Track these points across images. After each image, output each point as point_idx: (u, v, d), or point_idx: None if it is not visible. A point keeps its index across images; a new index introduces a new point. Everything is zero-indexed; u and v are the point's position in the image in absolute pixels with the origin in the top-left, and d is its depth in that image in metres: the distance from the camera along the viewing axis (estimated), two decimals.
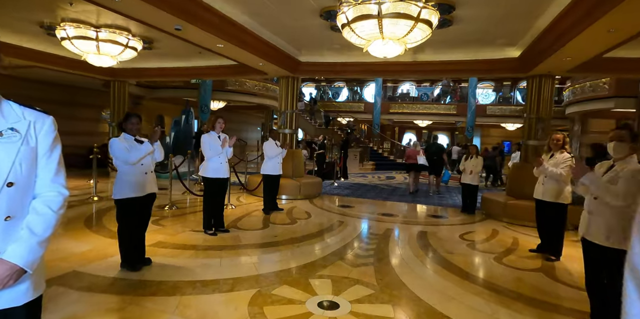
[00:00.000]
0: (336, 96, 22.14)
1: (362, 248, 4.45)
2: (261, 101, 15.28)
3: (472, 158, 7.06)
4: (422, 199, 8.82)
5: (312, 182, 8.16)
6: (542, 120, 6.65)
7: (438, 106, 19.90)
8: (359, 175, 13.83)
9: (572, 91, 12.60)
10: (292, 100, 8.25)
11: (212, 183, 4.59)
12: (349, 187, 10.17)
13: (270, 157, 6.19)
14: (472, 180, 7.05)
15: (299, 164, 8.33)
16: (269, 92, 15.43)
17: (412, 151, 9.73)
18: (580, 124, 14.65)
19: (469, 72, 6.78)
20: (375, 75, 7.59)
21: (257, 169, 10.47)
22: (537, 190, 4.59)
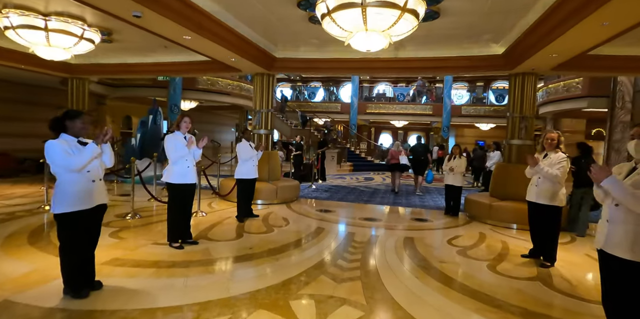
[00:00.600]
0: (312, 96, 21.76)
1: (347, 259, 4.05)
2: (235, 101, 14.67)
3: (455, 158, 6.83)
4: (403, 200, 8.55)
5: (289, 185, 7.71)
6: (525, 118, 6.49)
7: (414, 106, 19.89)
8: (337, 177, 13.48)
9: (546, 91, 12.75)
10: (268, 98, 7.78)
11: (178, 189, 4.06)
12: (328, 190, 9.78)
13: (244, 159, 5.69)
14: (455, 181, 6.82)
15: (275, 166, 7.87)
16: (243, 91, 14.85)
17: (395, 151, 9.83)
18: (553, 123, 14.92)
19: (451, 69, 6.55)
20: (355, 73, 7.24)
21: (230, 172, 9.90)
22: (530, 192, 4.34)
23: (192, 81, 13.31)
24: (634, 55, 5.75)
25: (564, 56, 5.25)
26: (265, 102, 7.75)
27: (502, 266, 4.09)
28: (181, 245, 4.14)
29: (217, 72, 7.82)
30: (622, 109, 9.97)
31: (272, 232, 5.14)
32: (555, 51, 5.02)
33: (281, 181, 7.81)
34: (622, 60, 5.81)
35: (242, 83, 14.70)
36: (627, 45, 5.56)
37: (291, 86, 24.24)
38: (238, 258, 3.91)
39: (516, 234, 5.67)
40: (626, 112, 9.81)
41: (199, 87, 13.55)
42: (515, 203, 6.18)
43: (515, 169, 6.45)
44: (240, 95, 14.66)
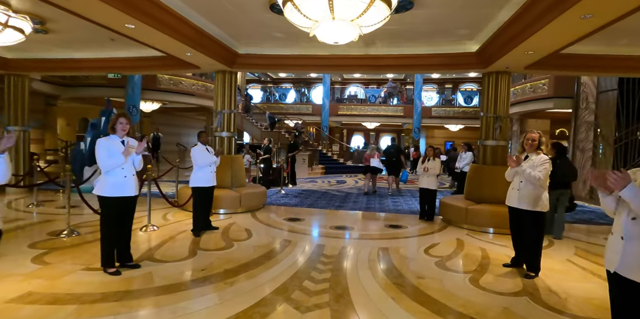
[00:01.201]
0: (283, 98, 21.20)
1: (314, 280, 3.55)
2: (200, 102, 13.87)
3: (429, 160, 6.50)
4: (376, 205, 8.16)
5: (254, 192, 7.13)
6: (499, 118, 6.25)
7: (386, 108, 19.75)
8: (308, 180, 12.99)
9: (513, 92, 12.82)
10: (230, 98, 7.18)
11: (112, 204, 3.42)
12: (298, 195, 9.27)
13: (200, 166, 5.08)
14: (430, 184, 6.49)
15: (239, 171, 7.26)
16: (209, 92, 14.07)
17: (368, 154, 10.12)
18: (519, 124, 15.11)
19: (424, 67, 6.22)
20: (325, 70, 6.80)
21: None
22: (510, 196, 4.02)
23: (152, 80, 12.45)
24: (605, 54, 5.62)
25: (540, 53, 5.02)
26: (228, 102, 7.15)
27: (485, 280, 3.73)
28: (118, 270, 3.50)
29: (174, 69, 7.14)
30: (586, 109, 10.08)
31: (232, 247, 4.56)
32: (532, 48, 4.76)
33: (246, 188, 7.22)
34: (593, 59, 5.68)
35: (208, 83, 13.93)
36: (598, 44, 5.41)
37: (261, 87, 23.57)
38: (185, 284, 3.32)
39: (494, 239, 5.38)
40: (590, 113, 9.91)
41: (161, 87, 12.69)
42: (491, 206, 5.92)
43: (491, 171, 6.20)
44: (206, 96, 13.87)
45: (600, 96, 9.56)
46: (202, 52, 5.89)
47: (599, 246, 5.15)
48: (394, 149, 10.30)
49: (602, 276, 3.92)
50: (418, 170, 6.62)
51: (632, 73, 6.08)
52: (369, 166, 9.92)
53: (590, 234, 5.96)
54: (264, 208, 7.31)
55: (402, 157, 10.18)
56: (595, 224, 6.81)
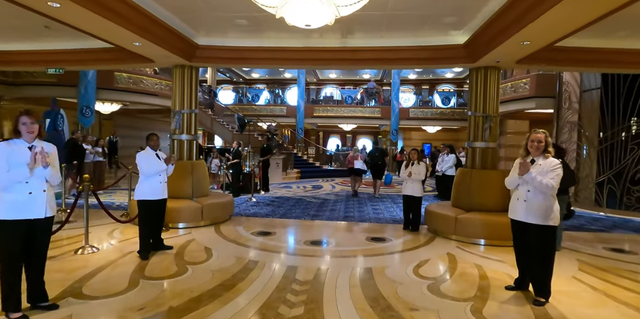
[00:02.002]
0: (256, 99, 20.32)
1: (284, 317, 2.82)
2: (165, 103, 12.81)
3: (413, 164, 5.90)
4: (355, 212, 7.50)
5: (219, 202, 6.30)
6: (489, 118, 5.73)
7: (363, 109, 19.25)
8: (282, 186, 12.21)
9: None
10: (191, 96, 6.35)
11: (12, 229, 2.57)
12: (270, 203, 8.48)
13: (147, 175, 4.24)
14: (414, 191, 5.88)
15: (202, 179, 6.42)
16: None
17: (351, 156, 10.19)
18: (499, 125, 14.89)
19: (406, 61, 5.63)
20: (297, 65, 6.11)
21: None
22: (515, 208, 3.42)
23: (109, 78, 11.37)
24: (602, 47, 5.19)
25: (537, 44, 4.50)
26: (188, 101, 6.32)
27: (489, 310, 3.10)
28: (25, 315, 2.65)
29: (124, 63, 6.24)
30: (569, 109, 9.84)
31: (185, 274, 3.75)
32: (530, 37, 4.23)
33: (210, 198, 6.39)
34: (590, 53, 5.24)
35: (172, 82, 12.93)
36: (595, 37, 4.98)
37: (233, 87, 22.61)
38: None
39: (487, 253, 4.81)
40: (573, 113, 9.67)
41: (119, 86, 11.62)
42: (482, 215, 5.37)
43: (481, 176, 5.67)
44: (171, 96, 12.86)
45: (584, 95, 9.31)
46: (154, 42, 5.05)
47: (602, 258, 4.68)
48: (379, 152, 10.19)
49: (617, 299, 3.39)
50: (401, 175, 6.01)
51: (630, 68, 5.68)
52: (353, 168, 9.98)
53: (588, 243, 5.50)
54: (230, 220, 6.49)
55: (386, 159, 10.43)
56: (589, 231, 6.40)
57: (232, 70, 22.01)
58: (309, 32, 5.47)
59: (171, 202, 5.68)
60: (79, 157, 8.55)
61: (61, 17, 4.18)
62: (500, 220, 5.22)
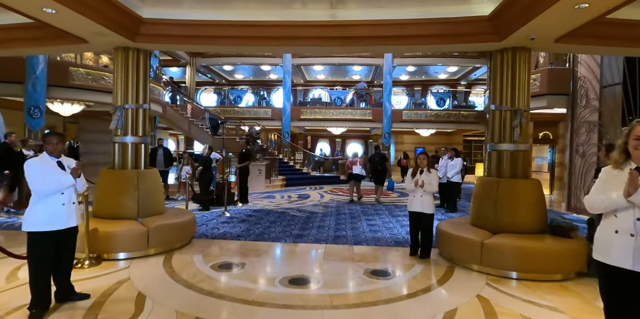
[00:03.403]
0: (238, 100, 18.92)
1: None
2: None
3: (423, 172, 4.61)
4: (348, 231, 6.16)
5: (174, 223, 4.87)
6: (519, 113, 4.49)
7: (353, 111, 18.02)
8: (264, 195, 10.82)
9: None
10: (138, 87, 4.97)
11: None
12: (247, 219, 7.09)
13: (40, 193, 2.82)
14: (425, 207, 4.58)
15: (152, 193, 5.00)
16: None
17: (350, 161, 9.99)
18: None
19: (413, 39, 4.34)
20: (272, 45, 4.77)
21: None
22: (611, 247, 2.09)
23: (63, 74, 9.89)
24: None
25: (596, 8, 3.27)
26: (134, 93, 4.93)
27: None
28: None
29: (50, 44, 4.81)
30: (586, 107, 8.73)
31: None
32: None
33: (162, 217, 4.97)
34: None
35: None
36: None
37: (215, 89, 21.19)
38: None
39: (530, 293, 3.53)
40: (592, 111, 8.56)
41: (75, 84, 10.12)
42: (516, 239, 4.10)
43: (510, 187, 4.40)
44: None
45: (604, 91, 8.20)
46: (75, 10, 3.68)
47: None
48: (379, 157, 9.90)
49: None
50: (407, 185, 4.70)
51: None
52: (352, 173, 9.72)
53: None
54: (190, 244, 5.09)
55: (387, 164, 9.96)
56: None
57: (213, 70, 20.63)
58: (287, 2, 4.17)
59: (107, 224, 4.30)
60: (13, 165, 7.05)
61: None
62: (539, 246, 3.97)
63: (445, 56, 17.26)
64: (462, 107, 18.48)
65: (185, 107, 16.45)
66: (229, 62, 18.50)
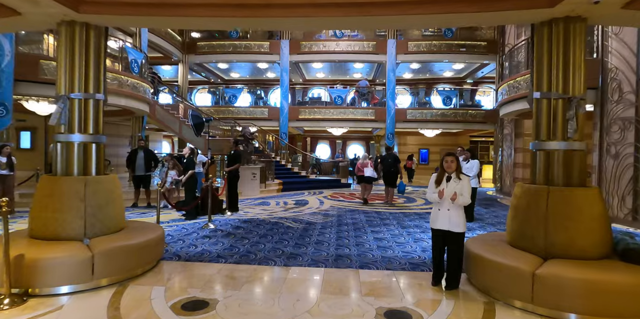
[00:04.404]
0: (233, 100, 17.91)
1: None
2: (111, 101, 10.35)
3: (451, 179, 3.58)
4: (352, 246, 5.12)
5: (132, 244, 3.82)
6: (574, 102, 3.46)
7: (354, 111, 17.00)
8: (258, 202, 9.80)
9: (512, 86, 10.42)
10: (86, 72, 3.96)
11: None
12: (233, 232, 6.07)
13: None
14: (453, 223, 3.55)
15: (105, 206, 3.95)
16: (125, 87, 10.63)
17: (360, 163, 9.79)
18: (513, 126, 12.81)
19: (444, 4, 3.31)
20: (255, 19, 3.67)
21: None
22: None
23: (32, 68, 8.89)
24: None
25: None
26: (81, 80, 3.92)
27: None
28: None
29: None
30: (619, 103, 7.71)
31: None
32: None
33: (119, 236, 3.94)
34: None
35: (123, 75, 10.51)
36: None
37: (209, 88, 20.22)
38: None
39: None
40: (626, 107, 7.54)
41: (46, 79, 9.07)
42: (576, 268, 3.06)
43: (565, 198, 3.37)
44: (121, 92, 10.42)
45: None
46: None
47: None
48: (392, 159, 9.63)
49: None
50: (430, 196, 3.67)
51: None
52: (363, 175, 9.59)
53: None
54: (154, 270, 4.06)
55: (399, 166, 9.73)
56: None
57: (208, 68, 19.65)
58: None
59: (39, 249, 3.30)
60: None
61: None
62: (613, 280, 2.94)
63: (452, 52, 16.29)
64: (469, 106, 17.48)
65: (177, 107, 15.47)
66: (223, 60, 17.53)
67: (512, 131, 12.84)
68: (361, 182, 9.88)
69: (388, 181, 9.68)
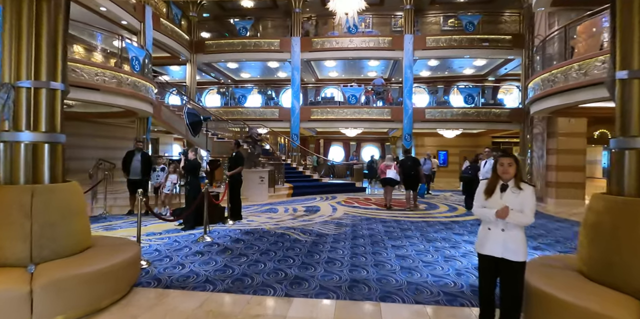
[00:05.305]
0: (242, 100, 17.20)
1: None
2: (109, 100, 9.69)
3: (506, 189, 2.64)
4: (370, 267, 4.21)
5: (91, 273, 3.00)
6: None
7: (370, 110, 16.05)
8: (266, 209, 8.96)
9: (546, 80, 9.32)
10: (37, 54, 3.18)
11: None
12: (231, 246, 5.22)
13: None
14: (509, 249, 2.59)
15: (65, 221, 3.15)
16: (124, 86, 9.99)
17: (384, 165, 9.42)
18: (545, 124, 11.66)
19: None
20: None
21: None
22: None
23: None
24: None
25: None
26: (30, 64, 3.15)
27: None
28: None
29: None
30: None
31: None
32: None
33: (76, 260, 3.13)
34: None
35: (122, 73, 9.87)
36: None
37: (218, 89, 19.59)
38: None
39: None
40: None
41: None
42: None
43: None
44: (120, 91, 9.78)
45: None
46: None
47: None
48: (412, 161, 9.35)
49: None
50: (477, 211, 2.74)
51: None
52: (386, 178, 9.21)
53: None
54: (123, 302, 3.24)
55: (420, 169, 9.39)
56: None
57: (217, 69, 19.05)
58: None
59: None
60: None
61: None
62: None
63: (474, 47, 15.22)
64: (492, 105, 16.33)
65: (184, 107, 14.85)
66: (232, 59, 16.86)
67: (543, 130, 11.70)
68: (385, 185, 9.34)
69: (409, 185, 9.21)
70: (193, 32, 16.59)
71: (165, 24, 14.14)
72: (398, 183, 9.52)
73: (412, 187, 9.29)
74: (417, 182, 9.39)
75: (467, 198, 9.33)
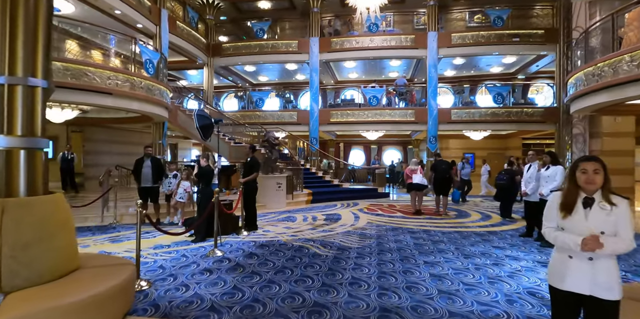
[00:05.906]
0: (260, 103, 16.82)
1: None
2: (122, 104, 9.42)
3: (592, 206, 1.98)
4: (402, 290, 3.57)
5: (70, 305, 2.51)
6: None
7: (392, 112, 15.35)
8: (283, 217, 8.42)
9: (591, 74, 8.42)
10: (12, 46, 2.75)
11: None
12: (243, 262, 4.68)
13: None
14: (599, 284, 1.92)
15: (44, 241, 2.67)
16: (138, 89, 9.72)
17: (409, 170, 9.07)
18: (587, 123, 10.68)
19: None
20: None
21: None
22: None
23: None
24: None
25: None
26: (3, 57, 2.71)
27: None
28: None
29: None
30: None
31: None
32: None
33: (55, 289, 2.65)
34: None
35: (135, 76, 9.60)
36: None
37: (235, 93, 19.32)
38: None
39: None
40: None
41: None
42: None
43: None
44: (133, 96, 9.51)
45: None
46: None
47: None
48: (445, 165, 8.88)
49: None
50: (549, 235, 2.09)
51: None
52: (412, 183, 8.83)
53: None
54: None
55: (452, 172, 9.07)
56: None
57: (234, 72, 18.81)
58: None
59: None
60: None
61: None
62: None
63: (503, 43, 14.32)
64: (523, 104, 15.32)
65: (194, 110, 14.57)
66: (249, 61, 16.52)
67: (585, 130, 10.72)
68: (411, 190, 9.01)
69: (441, 190, 8.76)
70: (210, 35, 16.39)
71: (182, 27, 13.94)
72: (425, 187, 9.08)
73: (443, 192, 8.80)
74: (448, 187, 8.89)
75: (502, 205, 8.53)
